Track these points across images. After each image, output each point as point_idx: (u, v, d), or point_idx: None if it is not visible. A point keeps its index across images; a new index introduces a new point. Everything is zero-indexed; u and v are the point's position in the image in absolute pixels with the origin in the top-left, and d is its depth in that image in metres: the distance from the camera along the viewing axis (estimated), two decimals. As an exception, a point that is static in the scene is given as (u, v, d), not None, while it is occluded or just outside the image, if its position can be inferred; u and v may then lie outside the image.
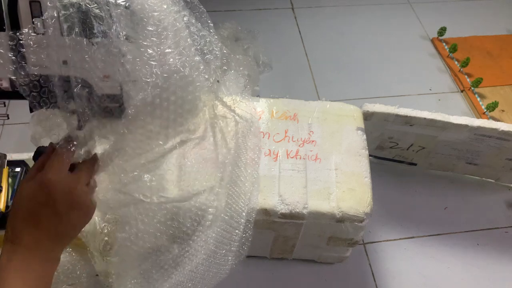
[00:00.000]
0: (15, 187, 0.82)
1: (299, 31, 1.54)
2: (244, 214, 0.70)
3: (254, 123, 0.75)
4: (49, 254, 0.46)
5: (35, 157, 0.50)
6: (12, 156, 0.86)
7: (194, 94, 0.49)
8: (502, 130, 0.95)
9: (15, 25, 0.42)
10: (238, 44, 1.38)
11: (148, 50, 0.44)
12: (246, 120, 0.72)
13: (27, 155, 0.88)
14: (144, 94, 0.44)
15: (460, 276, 0.97)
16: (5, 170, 0.83)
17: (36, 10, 0.41)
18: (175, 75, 0.46)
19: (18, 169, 0.85)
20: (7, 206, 0.79)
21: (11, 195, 0.81)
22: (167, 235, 0.62)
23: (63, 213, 0.45)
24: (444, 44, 1.50)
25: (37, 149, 0.50)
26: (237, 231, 0.69)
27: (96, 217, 0.73)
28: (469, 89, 1.35)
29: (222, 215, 0.66)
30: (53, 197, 0.44)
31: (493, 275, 0.97)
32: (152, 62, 0.44)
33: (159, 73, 0.44)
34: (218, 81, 0.58)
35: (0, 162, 0.83)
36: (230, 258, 0.69)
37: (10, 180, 0.83)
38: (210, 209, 0.65)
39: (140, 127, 0.47)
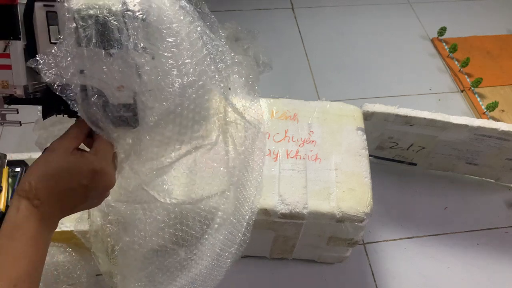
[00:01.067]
0: (15, 187, 0.82)
1: (299, 31, 1.54)
2: (247, 217, 0.70)
3: (261, 128, 0.76)
4: (56, 223, 0.46)
5: None
6: (12, 156, 0.86)
7: (210, 102, 0.50)
8: (502, 130, 0.95)
9: (30, 34, 0.42)
10: (238, 44, 1.38)
11: (169, 61, 0.45)
12: (254, 126, 0.72)
13: (27, 155, 0.88)
14: (168, 103, 0.45)
15: (460, 276, 0.97)
16: (5, 170, 0.83)
17: (52, 19, 0.42)
18: (195, 84, 0.47)
19: (18, 169, 0.85)
20: (7, 206, 0.79)
21: (11, 195, 0.81)
22: (175, 237, 0.62)
23: (90, 198, 0.45)
24: (444, 44, 1.50)
25: (44, 150, 0.50)
26: (239, 234, 0.69)
27: (98, 218, 0.73)
28: (469, 89, 1.35)
29: (231, 218, 0.67)
30: (94, 185, 0.44)
31: (493, 275, 0.97)
32: (174, 72, 0.45)
33: (180, 82, 0.45)
34: (229, 88, 0.59)
35: (0, 162, 0.83)
36: (229, 260, 0.69)
37: (10, 180, 0.83)
38: (219, 213, 0.66)
39: (159, 134, 0.48)
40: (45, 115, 0.47)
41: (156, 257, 0.63)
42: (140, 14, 0.42)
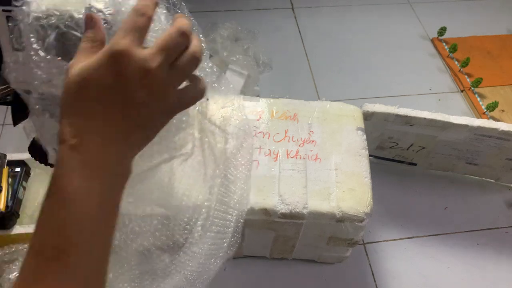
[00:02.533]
0: (15, 187, 0.82)
1: (299, 31, 1.54)
2: (230, 230, 0.69)
3: (246, 139, 0.74)
4: (120, 161, 0.35)
5: (30, 149, 0.49)
6: (12, 156, 0.86)
7: (185, 112, 0.48)
8: (502, 130, 0.95)
9: None
10: (238, 44, 1.38)
11: None
12: (237, 138, 0.71)
13: (27, 155, 0.87)
14: None
15: (460, 276, 0.97)
16: (5, 170, 0.83)
17: (13, 25, 0.40)
18: None
19: (18, 169, 0.85)
20: (7, 206, 0.79)
21: (11, 195, 0.81)
22: (155, 245, 0.61)
23: (138, 99, 0.33)
24: (444, 44, 1.50)
25: (32, 140, 0.49)
26: (225, 244, 0.68)
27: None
28: (469, 89, 1.35)
29: (208, 234, 0.65)
30: (124, 76, 0.32)
31: (493, 275, 0.97)
32: None
33: None
34: (207, 99, 0.59)
35: (0, 162, 0.83)
36: (218, 263, 0.68)
37: (10, 180, 0.83)
38: (199, 222, 0.64)
39: None
40: (16, 120, 0.46)
41: (139, 263, 0.62)
42: (105, 24, 0.38)
